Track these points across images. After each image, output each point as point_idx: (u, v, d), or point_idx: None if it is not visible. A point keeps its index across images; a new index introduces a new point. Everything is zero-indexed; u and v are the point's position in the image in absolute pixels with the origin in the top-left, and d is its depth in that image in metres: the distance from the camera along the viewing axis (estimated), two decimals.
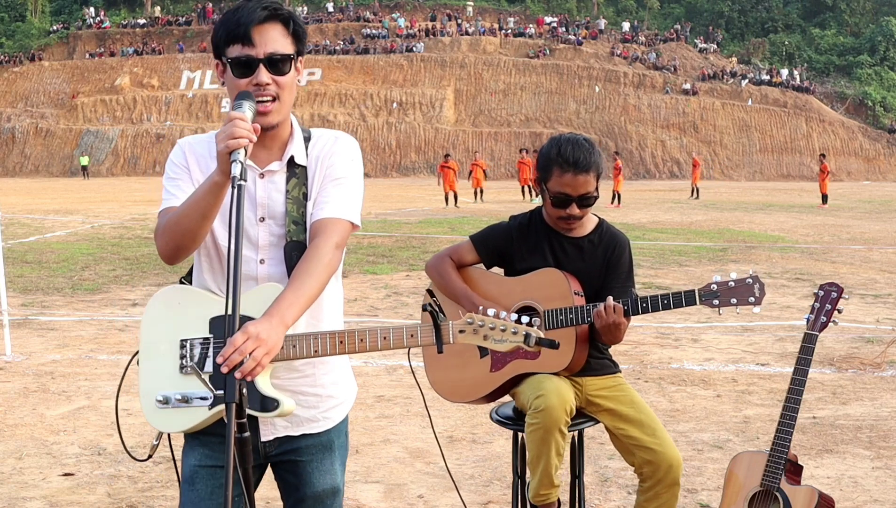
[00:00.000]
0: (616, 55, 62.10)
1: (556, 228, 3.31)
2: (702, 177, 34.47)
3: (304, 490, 2.30)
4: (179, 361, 2.17)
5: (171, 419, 2.17)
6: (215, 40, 2.18)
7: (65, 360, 7.26)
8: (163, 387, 2.17)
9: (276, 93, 2.15)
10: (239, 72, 2.13)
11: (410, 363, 2.75)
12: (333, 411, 2.33)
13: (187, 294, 2.26)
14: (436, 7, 69.10)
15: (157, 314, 2.24)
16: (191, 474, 2.24)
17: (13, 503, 4.29)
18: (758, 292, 2.96)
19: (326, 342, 2.14)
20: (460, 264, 3.43)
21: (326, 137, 2.30)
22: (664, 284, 11.05)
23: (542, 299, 3.19)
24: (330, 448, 2.33)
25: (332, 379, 2.32)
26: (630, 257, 3.33)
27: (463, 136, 57.20)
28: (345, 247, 2.23)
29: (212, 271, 2.26)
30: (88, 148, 58.53)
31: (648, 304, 3.07)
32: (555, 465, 3.09)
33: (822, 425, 5.50)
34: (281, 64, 2.15)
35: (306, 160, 2.26)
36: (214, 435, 2.20)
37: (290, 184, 2.22)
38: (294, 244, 2.21)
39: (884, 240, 17.11)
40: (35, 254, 14.40)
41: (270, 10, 2.14)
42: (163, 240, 2.16)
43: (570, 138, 3.25)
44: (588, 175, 3.19)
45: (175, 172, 2.25)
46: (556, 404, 3.04)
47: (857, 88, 61.51)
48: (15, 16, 71.01)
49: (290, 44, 2.17)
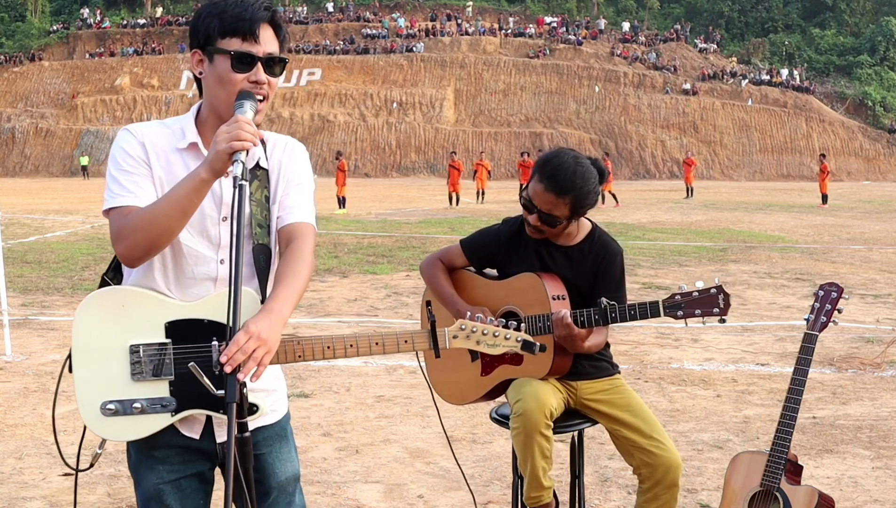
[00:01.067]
0: (616, 55, 62.09)
1: (526, 230, 3.31)
2: (697, 176, 34.34)
3: (267, 482, 2.27)
4: (130, 367, 2.09)
5: (122, 428, 2.10)
6: (204, 30, 2.13)
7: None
8: (110, 394, 2.09)
9: (267, 93, 2.16)
10: (239, 67, 2.11)
11: (420, 362, 2.77)
12: (278, 403, 2.34)
13: (132, 296, 2.13)
14: (436, 7, 69.09)
15: (96, 317, 2.12)
16: (155, 492, 2.20)
17: (13, 503, 4.29)
18: (722, 302, 2.93)
19: (312, 348, 2.15)
20: (450, 266, 3.45)
21: (281, 141, 2.32)
22: (664, 284, 11.05)
23: (522, 304, 3.22)
24: (285, 437, 2.34)
25: (273, 374, 2.32)
26: (621, 267, 3.32)
27: (463, 136, 57.19)
28: None
29: (163, 272, 2.16)
30: (88, 148, 58.52)
31: (610, 315, 3.06)
32: (542, 467, 3.11)
33: (822, 425, 5.50)
34: (276, 66, 2.17)
35: (267, 163, 2.26)
36: (170, 448, 2.18)
37: (252, 186, 2.19)
38: (261, 247, 2.19)
39: (884, 240, 17.11)
40: (35, 254, 14.40)
41: (271, 12, 2.15)
42: (131, 241, 2.04)
43: (567, 158, 3.19)
44: (558, 198, 3.14)
45: (130, 164, 2.13)
46: (533, 408, 3.07)
47: (857, 88, 61.50)
48: (15, 16, 70.98)
49: (279, 48, 2.19)
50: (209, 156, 2.01)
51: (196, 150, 2.18)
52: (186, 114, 2.24)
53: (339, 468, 4.76)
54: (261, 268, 2.19)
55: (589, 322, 3.09)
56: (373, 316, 9.12)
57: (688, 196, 32.08)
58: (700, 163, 35.22)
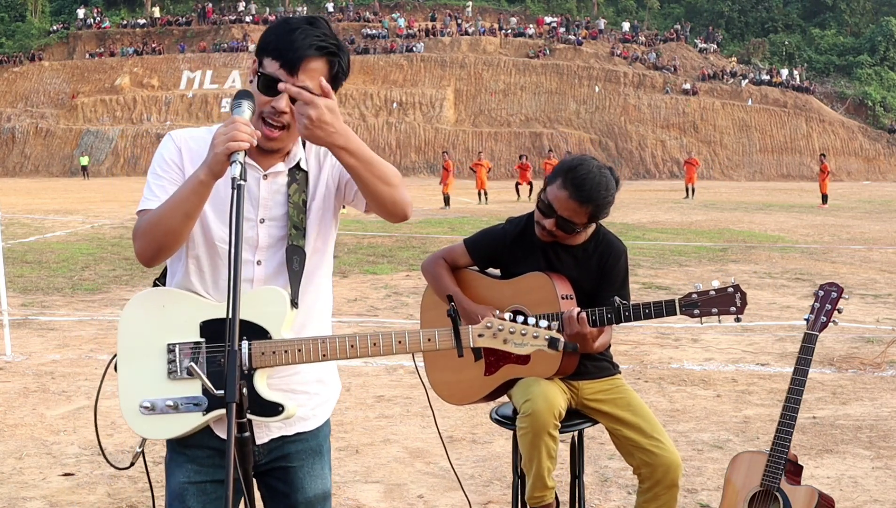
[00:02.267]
0: (616, 55, 62.08)
1: (536, 232, 3.29)
2: (697, 176, 34.28)
3: (295, 496, 2.26)
4: (167, 366, 2.11)
5: (159, 426, 2.12)
6: (264, 39, 2.13)
7: (65, 360, 7.26)
8: (148, 393, 2.11)
9: (288, 122, 2.10)
10: (265, 88, 2.09)
11: (416, 363, 2.76)
12: (321, 408, 2.31)
13: (171, 297, 2.18)
14: (436, 7, 69.07)
15: (138, 317, 2.16)
16: (180, 490, 2.21)
17: (13, 503, 4.29)
18: (738, 301, 2.94)
19: (336, 346, 2.09)
20: (454, 265, 3.43)
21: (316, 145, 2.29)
22: (664, 284, 11.05)
23: (530, 303, 3.20)
24: (320, 453, 2.31)
25: (317, 376, 2.30)
26: (625, 266, 3.33)
27: (463, 136, 57.19)
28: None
29: (199, 274, 2.18)
30: (88, 148, 58.49)
31: (624, 314, 3.05)
32: (547, 467, 3.11)
33: (822, 425, 5.50)
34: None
35: (306, 164, 2.24)
36: (202, 448, 2.18)
37: (290, 188, 2.19)
38: (294, 249, 2.17)
39: (884, 240, 17.10)
40: (35, 254, 14.40)
41: (325, 48, 2.08)
42: (143, 241, 2.09)
43: (593, 168, 3.19)
44: (581, 207, 3.16)
45: (164, 169, 2.17)
46: (543, 408, 3.07)
47: (857, 88, 61.48)
48: (15, 16, 70.94)
49: (327, 82, 2.07)
50: (207, 158, 2.00)
51: None
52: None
53: (339, 468, 4.76)
54: (293, 270, 2.16)
55: (601, 321, 3.08)
56: (373, 316, 9.12)
57: (687, 196, 32.02)
58: (700, 163, 35.10)
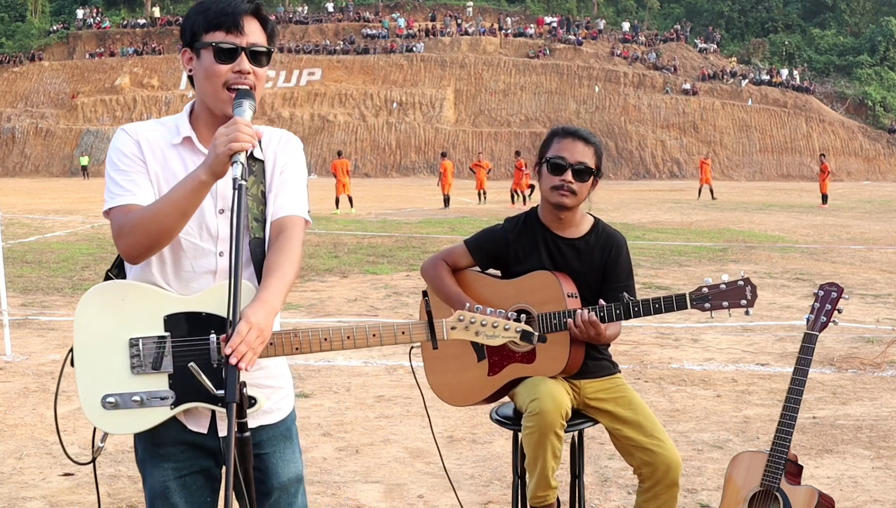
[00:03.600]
0: (616, 55, 62.08)
1: (549, 201, 3.27)
2: (696, 176, 34.28)
3: (269, 482, 2.27)
4: (130, 360, 2.11)
5: (123, 422, 2.11)
6: (190, 28, 2.18)
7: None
8: (110, 388, 2.10)
9: (253, 83, 2.16)
10: (222, 58, 2.13)
11: (412, 364, 2.75)
12: (284, 401, 2.34)
13: (132, 290, 2.15)
14: (436, 7, 69.08)
15: (96, 311, 2.14)
16: (161, 489, 2.21)
17: (13, 503, 4.29)
18: (749, 294, 2.95)
19: (309, 339, 2.14)
20: (455, 267, 3.42)
21: (276, 134, 2.32)
22: (664, 284, 11.05)
23: (535, 302, 3.19)
24: (290, 437, 2.34)
25: (280, 371, 2.33)
26: (628, 257, 3.33)
27: (463, 136, 57.19)
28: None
29: (161, 266, 2.18)
30: (88, 148, 58.50)
31: (633, 309, 3.04)
32: (551, 467, 3.10)
33: (822, 425, 5.50)
34: (261, 56, 2.18)
35: (262, 154, 2.26)
36: (176, 445, 2.19)
37: (248, 181, 2.18)
38: (257, 241, 2.20)
39: (884, 240, 17.10)
40: (35, 254, 14.40)
41: (255, 5, 2.19)
42: (132, 239, 2.08)
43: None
44: (586, 146, 3.26)
45: (127, 163, 2.16)
46: (550, 408, 3.06)
47: (857, 88, 61.48)
48: (15, 16, 70.96)
49: (266, 41, 2.21)
50: (208, 158, 2.01)
51: (190, 144, 2.20)
52: (181, 112, 2.27)
53: (339, 468, 4.76)
54: (257, 261, 2.19)
55: (609, 317, 3.07)
56: (373, 316, 9.12)
57: (713, 197, 31.78)
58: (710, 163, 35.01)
